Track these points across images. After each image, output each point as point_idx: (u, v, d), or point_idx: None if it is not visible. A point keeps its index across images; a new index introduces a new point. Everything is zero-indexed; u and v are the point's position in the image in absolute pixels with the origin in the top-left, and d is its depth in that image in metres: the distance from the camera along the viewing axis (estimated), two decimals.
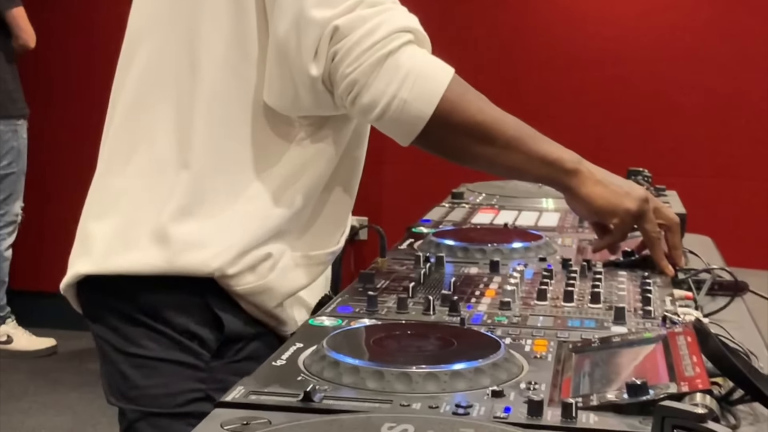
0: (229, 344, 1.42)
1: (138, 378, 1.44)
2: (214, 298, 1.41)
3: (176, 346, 1.42)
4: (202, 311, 1.42)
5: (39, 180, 5.01)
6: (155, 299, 1.41)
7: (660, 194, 2.25)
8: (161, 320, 1.42)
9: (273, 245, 1.43)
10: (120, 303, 1.43)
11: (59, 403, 4.18)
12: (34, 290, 4.93)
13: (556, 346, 1.17)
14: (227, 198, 1.41)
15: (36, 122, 4.77)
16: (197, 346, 1.42)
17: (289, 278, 1.46)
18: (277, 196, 1.42)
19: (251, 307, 1.43)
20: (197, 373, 1.41)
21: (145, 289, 1.41)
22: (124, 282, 1.41)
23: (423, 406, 0.96)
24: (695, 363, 0.99)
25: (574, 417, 0.93)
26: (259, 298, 1.43)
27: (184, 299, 1.42)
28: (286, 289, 1.45)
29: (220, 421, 0.92)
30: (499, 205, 2.19)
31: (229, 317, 1.42)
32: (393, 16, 1.36)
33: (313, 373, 1.05)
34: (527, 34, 4.62)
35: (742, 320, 1.46)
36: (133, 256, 1.40)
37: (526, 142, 1.44)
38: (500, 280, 1.48)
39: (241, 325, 1.42)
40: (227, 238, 1.39)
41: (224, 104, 1.41)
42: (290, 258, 1.46)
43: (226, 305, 1.42)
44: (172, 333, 1.41)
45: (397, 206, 4.57)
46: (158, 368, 1.42)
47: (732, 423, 0.98)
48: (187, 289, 1.40)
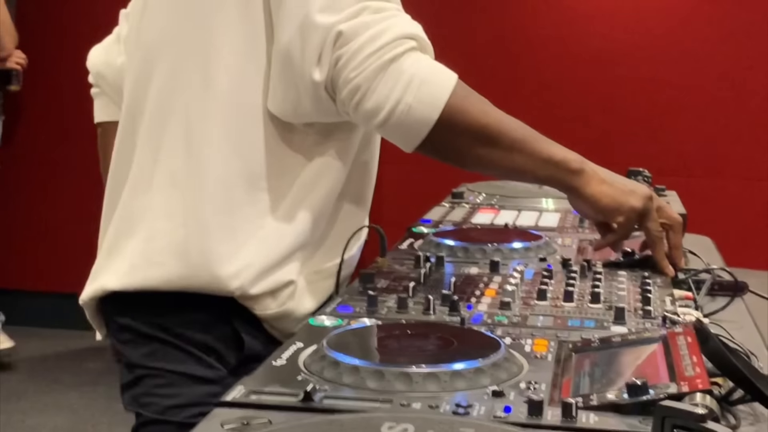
0: (248, 363, 1.40)
1: (153, 388, 1.46)
2: (236, 318, 1.43)
3: (193, 359, 1.43)
4: (224, 328, 1.44)
5: (28, 179, 5.01)
6: (177, 315, 1.43)
7: (660, 194, 2.25)
8: (182, 336, 1.44)
9: (291, 265, 1.44)
10: (141, 317, 1.45)
11: (59, 403, 4.18)
12: (30, 290, 4.94)
13: (557, 346, 1.17)
14: (243, 214, 1.42)
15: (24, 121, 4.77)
16: (215, 360, 1.43)
17: (306, 300, 1.48)
18: (291, 211, 1.44)
19: (273, 330, 1.45)
20: (212, 387, 1.42)
21: (166, 305, 1.43)
22: (147, 297, 1.43)
23: (423, 405, 0.96)
24: (695, 363, 0.99)
25: (574, 417, 0.93)
26: (279, 323, 1.45)
27: (205, 316, 1.44)
28: (305, 311, 1.47)
29: (220, 420, 0.92)
30: (499, 205, 2.19)
31: (250, 338, 1.44)
32: (397, 23, 1.36)
33: (313, 373, 1.05)
34: (528, 34, 4.62)
35: (742, 320, 1.46)
36: (155, 271, 1.42)
37: (531, 144, 1.44)
38: (500, 280, 1.48)
39: (261, 346, 1.44)
40: (246, 256, 1.41)
41: (237, 116, 1.41)
42: (304, 277, 1.47)
43: (247, 325, 1.44)
44: (191, 348, 1.43)
45: (397, 206, 4.57)
46: (174, 380, 1.44)
47: (732, 423, 0.98)
48: (209, 306, 1.42)
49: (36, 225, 5.07)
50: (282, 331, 1.46)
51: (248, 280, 1.40)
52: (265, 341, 1.44)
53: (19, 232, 4.93)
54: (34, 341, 4.88)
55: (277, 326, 1.46)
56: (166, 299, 1.43)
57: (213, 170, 1.41)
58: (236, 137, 1.42)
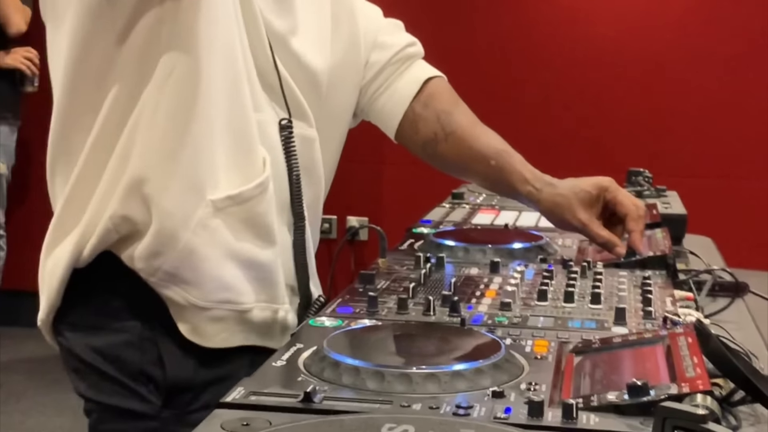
0: (180, 394, 1.37)
1: (95, 422, 1.42)
2: (160, 334, 1.37)
3: (128, 392, 1.37)
4: (152, 348, 1.37)
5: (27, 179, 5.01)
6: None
7: (660, 194, 2.26)
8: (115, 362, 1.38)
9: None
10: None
11: (59, 403, 4.18)
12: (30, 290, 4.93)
13: (557, 346, 1.17)
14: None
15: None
16: (151, 391, 1.37)
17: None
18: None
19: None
20: (148, 423, 1.37)
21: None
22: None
23: (423, 406, 0.96)
24: (696, 364, 0.99)
25: (575, 418, 0.93)
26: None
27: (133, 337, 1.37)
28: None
29: (220, 421, 0.92)
30: (499, 205, 2.19)
31: (174, 360, 1.37)
32: None
33: (313, 374, 1.05)
34: (527, 34, 4.62)
35: (742, 321, 1.46)
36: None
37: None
38: (501, 280, 1.48)
39: (191, 371, 1.38)
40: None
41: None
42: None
43: (171, 344, 1.37)
44: (123, 377, 1.38)
45: (397, 206, 4.57)
46: (114, 415, 1.39)
47: (733, 424, 0.98)
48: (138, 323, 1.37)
49: (36, 225, 5.07)
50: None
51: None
52: (194, 367, 1.38)
53: (19, 232, 4.93)
54: (34, 341, 4.88)
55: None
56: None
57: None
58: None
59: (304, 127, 1.47)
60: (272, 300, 1.41)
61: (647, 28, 4.52)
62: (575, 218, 1.55)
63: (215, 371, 1.38)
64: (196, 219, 1.33)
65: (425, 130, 1.62)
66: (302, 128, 1.47)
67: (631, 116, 4.54)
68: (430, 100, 1.63)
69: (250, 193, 1.36)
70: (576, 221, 1.55)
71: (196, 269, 1.34)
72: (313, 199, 1.51)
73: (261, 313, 1.40)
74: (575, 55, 4.57)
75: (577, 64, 4.57)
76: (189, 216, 1.32)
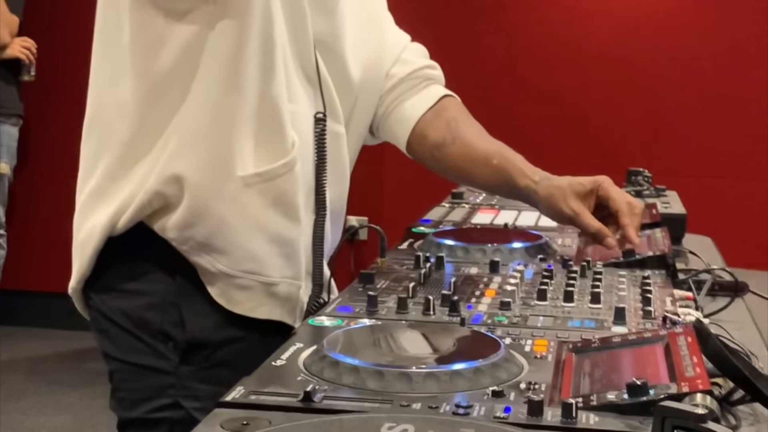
0: (197, 350, 1.43)
1: (117, 382, 1.48)
2: (183, 297, 1.44)
3: (149, 349, 1.44)
4: (173, 310, 1.44)
5: (28, 178, 5.01)
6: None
7: (660, 194, 2.26)
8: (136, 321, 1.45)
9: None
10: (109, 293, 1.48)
11: (59, 403, 4.18)
12: (30, 290, 4.94)
13: (556, 346, 1.17)
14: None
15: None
16: (169, 349, 1.44)
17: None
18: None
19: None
20: (166, 378, 1.43)
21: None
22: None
23: (423, 406, 0.96)
24: (695, 363, 0.99)
25: (574, 417, 0.93)
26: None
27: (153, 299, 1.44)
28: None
29: (219, 421, 0.92)
30: (499, 205, 2.19)
31: (194, 320, 1.44)
32: None
33: (313, 373, 1.05)
34: (528, 34, 4.62)
35: (742, 321, 1.46)
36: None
37: None
38: (500, 280, 1.48)
39: (209, 331, 1.44)
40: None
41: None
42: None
43: (193, 306, 1.44)
44: (144, 335, 1.44)
45: (397, 206, 4.57)
46: (134, 373, 1.45)
47: (732, 423, 0.98)
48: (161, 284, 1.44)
49: (35, 225, 5.08)
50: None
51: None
52: (213, 326, 1.44)
53: (19, 232, 4.93)
54: (34, 341, 4.89)
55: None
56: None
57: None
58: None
59: (336, 123, 1.55)
60: (296, 277, 1.48)
61: (648, 28, 4.52)
62: (568, 207, 1.58)
63: (231, 331, 1.44)
64: (226, 193, 1.41)
65: (435, 135, 1.68)
66: (333, 124, 1.54)
67: (630, 116, 4.54)
68: (442, 110, 1.70)
69: (276, 171, 1.43)
70: (569, 210, 1.58)
71: (226, 239, 1.41)
72: (338, 195, 1.58)
73: (287, 288, 1.46)
74: (575, 55, 4.58)
75: (577, 64, 4.58)
76: (219, 190, 1.40)
